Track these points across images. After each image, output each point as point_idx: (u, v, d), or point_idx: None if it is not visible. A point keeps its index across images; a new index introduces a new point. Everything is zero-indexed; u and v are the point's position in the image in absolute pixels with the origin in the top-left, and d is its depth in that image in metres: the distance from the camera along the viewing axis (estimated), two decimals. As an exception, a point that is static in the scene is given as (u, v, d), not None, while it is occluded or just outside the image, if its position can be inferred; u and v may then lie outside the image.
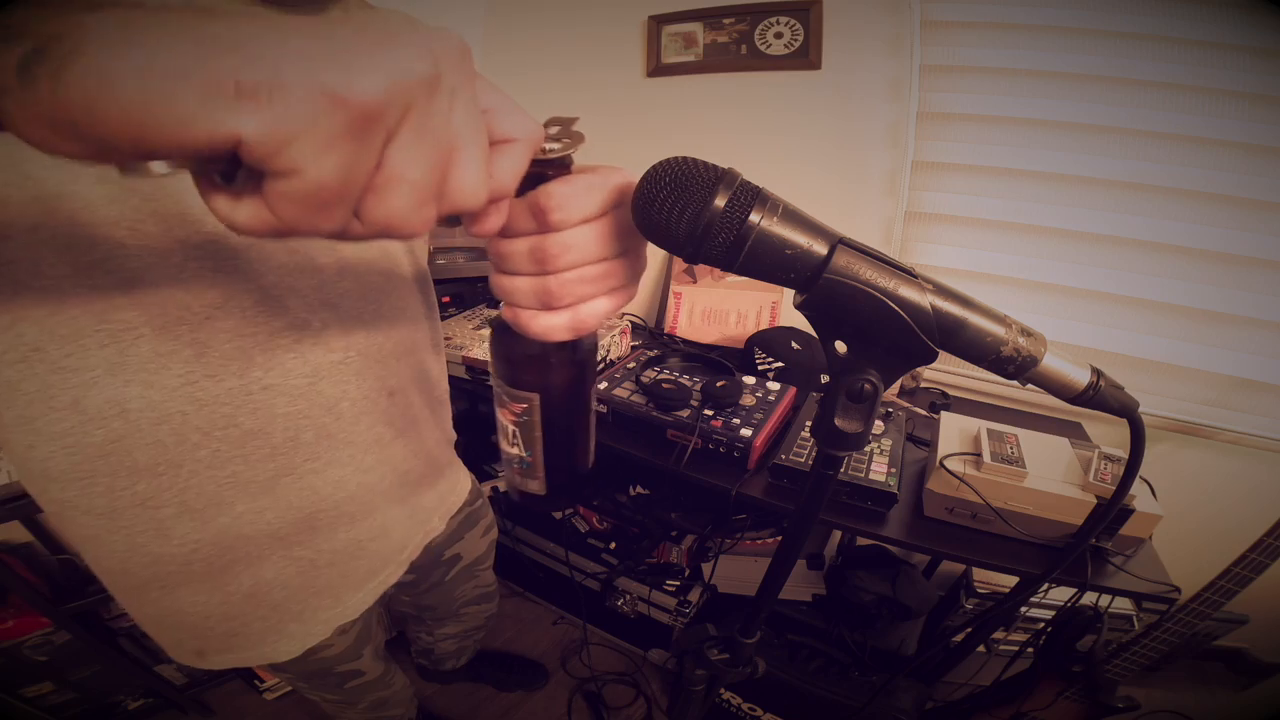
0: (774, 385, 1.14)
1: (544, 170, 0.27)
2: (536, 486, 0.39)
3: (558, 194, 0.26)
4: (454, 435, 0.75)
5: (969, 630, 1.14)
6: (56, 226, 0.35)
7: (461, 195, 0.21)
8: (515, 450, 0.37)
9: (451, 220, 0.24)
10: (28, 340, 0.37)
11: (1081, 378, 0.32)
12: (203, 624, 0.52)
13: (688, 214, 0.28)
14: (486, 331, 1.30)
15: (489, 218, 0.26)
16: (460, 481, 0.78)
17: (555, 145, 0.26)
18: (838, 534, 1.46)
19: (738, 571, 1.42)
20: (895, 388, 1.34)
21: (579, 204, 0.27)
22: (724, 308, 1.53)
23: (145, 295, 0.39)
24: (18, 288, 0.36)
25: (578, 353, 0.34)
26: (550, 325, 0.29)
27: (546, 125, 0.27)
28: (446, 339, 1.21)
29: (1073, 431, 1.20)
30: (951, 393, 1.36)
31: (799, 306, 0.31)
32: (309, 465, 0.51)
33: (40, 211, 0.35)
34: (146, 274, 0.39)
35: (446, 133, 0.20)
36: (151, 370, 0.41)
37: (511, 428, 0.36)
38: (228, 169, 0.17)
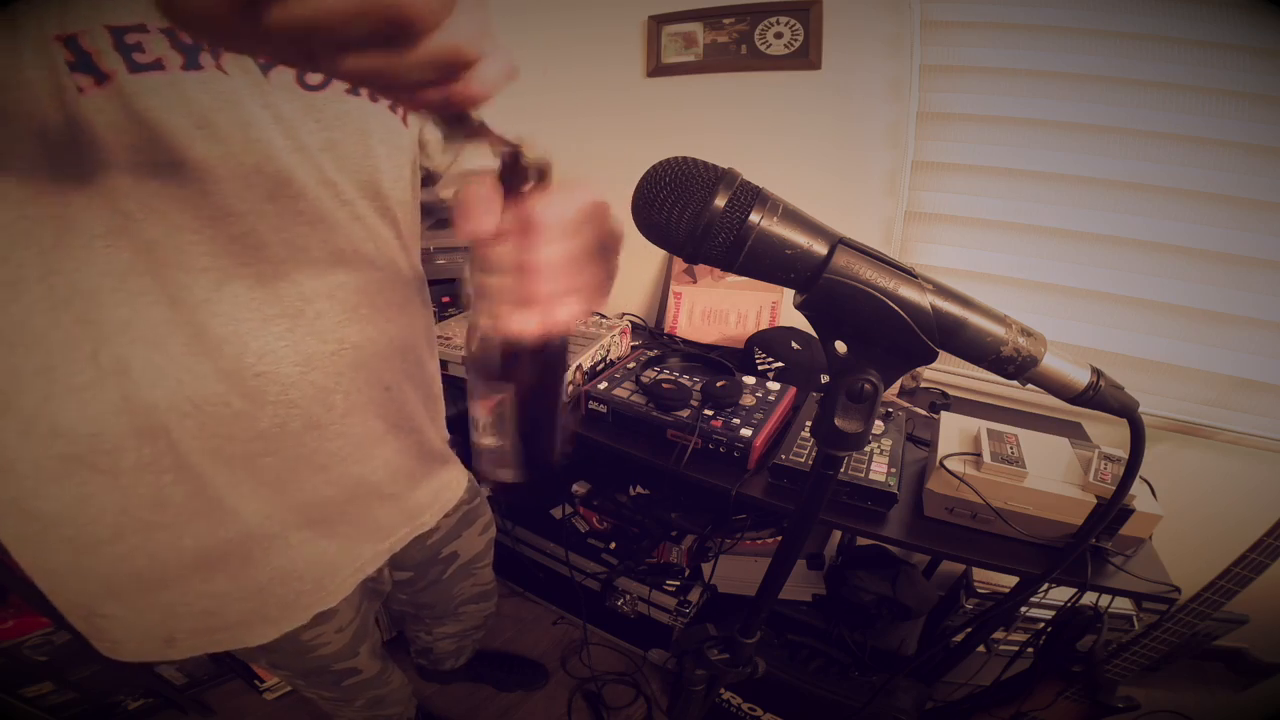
0: (774, 385, 1.14)
1: (526, 172, 0.29)
2: (507, 475, 0.41)
3: (543, 207, 0.28)
4: (448, 433, 0.75)
5: (969, 630, 1.14)
6: (92, 192, 0.39)
7: (460, 42, 0.22)
8: (487, 441, 0.40)
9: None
10: (58, 292, 0.40)
11: (1081, 378, 0.32)
12: (179, 603, 0.53)
13: (688, 214, 0.28)
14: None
15: (483, 218, 0.28)
16: (456, 479, 0.78)
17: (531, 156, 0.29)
18: (838, 534, 1.46)
19: (738, 571, 1.42)
20: (895, 388, 1.34)
21: (562, 216, 0.29)
22: (724, 308, 1.53)
23: (156, 267, 0.42)
24: (56, 241, 0.39)
25: (548, 350, 0.36)
26: (524, 323, 0.30)
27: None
28: (447, 339, 1.21)
29: (1073, 431, 1.19)
30: (951, 393, 1.36)
31: (799, 306, 0.31)
32: (296, 452, 0.52)
33: (78, 175, 0.39)
34: (156, 248, 0.42)
35: None
36: (161, 334, 0.44)
37: (484, 420, 0.39)
38: None
